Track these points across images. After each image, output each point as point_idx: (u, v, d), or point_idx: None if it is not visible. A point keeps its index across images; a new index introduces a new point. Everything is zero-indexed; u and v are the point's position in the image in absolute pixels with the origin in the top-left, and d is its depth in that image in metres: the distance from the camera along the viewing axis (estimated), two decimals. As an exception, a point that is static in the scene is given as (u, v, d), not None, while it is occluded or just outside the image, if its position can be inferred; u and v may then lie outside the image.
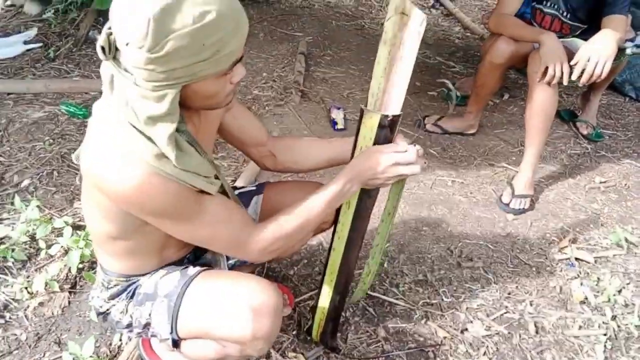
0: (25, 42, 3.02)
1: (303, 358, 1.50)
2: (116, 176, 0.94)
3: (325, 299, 1.44)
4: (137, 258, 1.20)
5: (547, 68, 1.96)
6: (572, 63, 1.91)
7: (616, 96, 3.17)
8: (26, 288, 1.63)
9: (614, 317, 1.70)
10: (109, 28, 0.90)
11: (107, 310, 1.26)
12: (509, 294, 1.78)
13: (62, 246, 1.74)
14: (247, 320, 1.09)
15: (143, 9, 0.82)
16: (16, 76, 2.77)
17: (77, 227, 1.82)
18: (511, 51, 2.20)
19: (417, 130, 2.65)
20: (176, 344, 1.21)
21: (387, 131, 1.15)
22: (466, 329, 1.64)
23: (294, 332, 1.59)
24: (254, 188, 1.47)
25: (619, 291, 1.80)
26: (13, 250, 1.73)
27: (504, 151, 2.56)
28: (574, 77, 1.91)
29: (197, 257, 1.36)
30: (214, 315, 1.13)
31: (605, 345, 1.61)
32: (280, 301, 1.15)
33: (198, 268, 1.22)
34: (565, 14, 2.31)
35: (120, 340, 1.50)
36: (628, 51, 1.98)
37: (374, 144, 1.16)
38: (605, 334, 1.65)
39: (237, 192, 1.44)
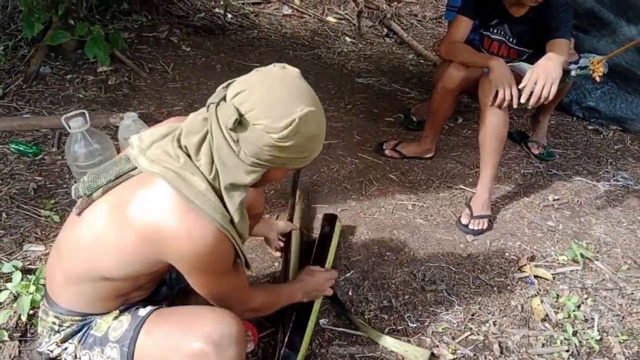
0: (-28, 81, 2.93)
1: (269, 395, 1.46)
2: (187, 233, 1.01)
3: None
4: (109, 299, 1.18)
5: (497, 92, 2.03)
6: (520, 87, 1.98)
7: (564, 116, 3.30)
8: (-28, 339, 1.54)
9: (575, 333, 1.73)
10: (234, 97, 1.01)
11: (58, 355, 1.20)
12: (473, 315, 1.79)
13: (11, 292, 1.65)
14: (209, 355, 1.06)
15: (293, 106, 0.99)
16: (-38, 115, 2.67)
17: (27, 271, 1.73)
18: (462, 77, 2.27)
19: (376, 156, 2.68)
20: None
21: None
22: (433, 354, 1.63)
23: (259, 369, 1.54)
24: None
25: (578, 307, 1.84)
26: (-43, 299, 1.64)
27: (461, 173, 2.61)
28: (522, 100, 1.98)
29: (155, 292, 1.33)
30: (172, 357, 1.08)
31: (568, 362, 1.63)
32: (241, 326, 1.14)
33: (149, 308, 1.18)
34: (511, 39, 2.41)
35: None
36: (572, 73, 2.07)
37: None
38: (567, 351, 1.67)
39: None
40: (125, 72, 3.19)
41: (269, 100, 0.99)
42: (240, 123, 0.99)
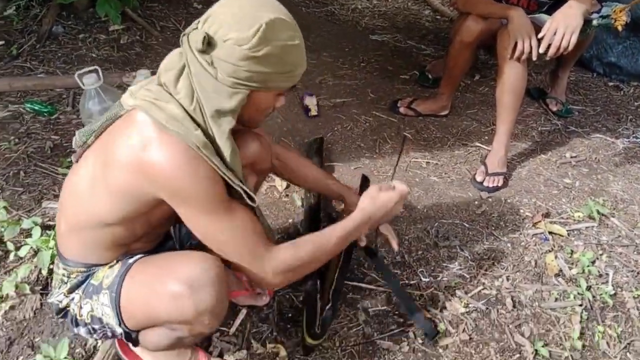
0: (-15, 41, 2.93)
1: (283, 348, 1.49)
2: (164, 156, 1.00)
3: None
4: (110, 248, 1.19)
5: (516, 44, 1.97)
6: (539, 36, 1.92)
7: (584, 72, 3.21)
8: (-4, 292, 1.59)
9: (588, 288, 1.73)
10: (203, 24, 1.02)
11: (67, 305, 1.24)
12: (486, 270, 1.79)
13: (31, 247, 1.69)
14: (184, 297, 1.06)
15: (259, 15, 0.99)
16: (-23, 76, 2.69)
17: (46, 227, 1.77)
18: (480, 29, 2.20)
19: (391, 114, 2.65)
20: (130, 337, 1.20)
21: None
22: (445, 307, 1.65)
23: (275, 321, 1.57)
24: None
25: (593, 262, 1.83)
26: (-20, 254, 1.69)
27: (477, 131, 2.57)
28: (541, 50, 1.92)
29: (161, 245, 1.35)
30: (152, 300, 1.10)
31: (581, 316, 1.64)
32: (222, 270, 1.11)
33: (139, 255, 1.20)
34: (531, -10, 2.32)
35: (96, 341, 1.47)
36: (594, 22, 1.99)
37: None
38: (580, 305, 1.67)
39: None
40: (137, 30, 3.16)
41: (235, 15, 1.00)
42: (209, 44, 1.00)
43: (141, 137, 1.02)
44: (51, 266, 1.65)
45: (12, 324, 1.53)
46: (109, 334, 1.22)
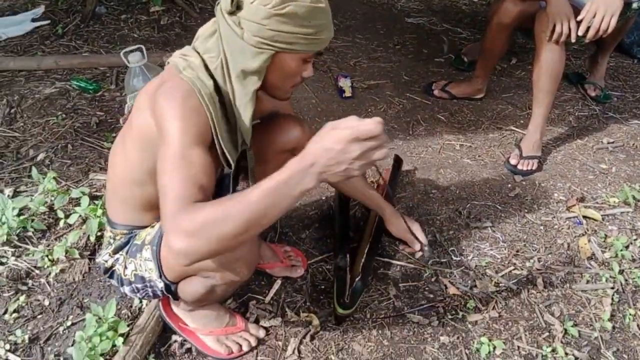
0: (34, 20, 3.05)
1: (316, 317, 1.55)
2: (167, 92, 1.05)
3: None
4: (145, 210, 1.27)
5: (554, 26, 1.95)
6: (578, 19, 1.90)
7: (624, 58, 3.14)
8: (47, 256, 1.68)
9: (621, 272, 1.73)
10: None
11: (112, 265, 1.33)
12: (517, 251, 1.81)
13: (80, 215, 1.79)
14: None
15: None
16: (26, 53, 2.81)
17: (93, 197, 1.86)
18: (518, 11, 2.19)
19: (425, 97, 2.66)
20: (170, 289, 1.27)
21: None
22: (475, 286, 1.67)
23: (308, 292, 1.63)
24: None
25: (627, 247, 1.82)
26: (32, 220, 1.79)
27: (512, 115, 2.56)
28: (580, 33, 1.91)
29: None
30: None
31: (612, 298, 1.64)
32: None
33: None
34: (572, -27, 2.28)
35: (141, 302, 1.56)
36: (634, 5, 1.95)
37: None
38: (612, 288, 1.68)
39: None
40: (176, 12, 3.24)
41: None
42: (238, 7, 1.05)
43: (159, 80, 1.12)
44: (99, 233, 1.75)
45: (63, 286, 1.63)
46: (151, 293, 1.30)
